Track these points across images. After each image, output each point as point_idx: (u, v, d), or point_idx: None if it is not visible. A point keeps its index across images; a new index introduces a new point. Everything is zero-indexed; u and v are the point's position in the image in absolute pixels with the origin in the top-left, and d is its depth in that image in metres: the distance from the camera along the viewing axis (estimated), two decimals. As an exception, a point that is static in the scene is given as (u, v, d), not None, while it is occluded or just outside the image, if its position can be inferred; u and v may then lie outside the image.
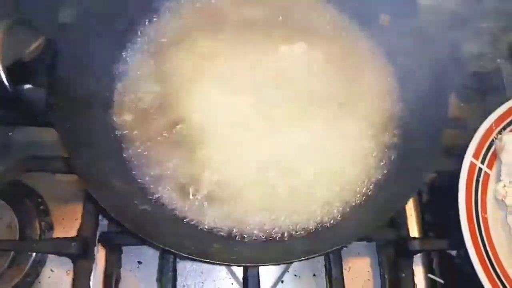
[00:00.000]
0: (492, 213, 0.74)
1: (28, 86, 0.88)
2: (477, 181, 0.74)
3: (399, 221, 0.80)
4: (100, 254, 0.80)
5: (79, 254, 0.75)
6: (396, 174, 0.72)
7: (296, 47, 0.77)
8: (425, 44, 0.78)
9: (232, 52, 0.77)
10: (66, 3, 0.86)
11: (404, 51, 0.80)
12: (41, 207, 0.84)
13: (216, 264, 0.61)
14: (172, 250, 0.58)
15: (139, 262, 0.81)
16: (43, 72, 0.84)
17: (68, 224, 0.83)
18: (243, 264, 0.62)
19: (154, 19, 0.83)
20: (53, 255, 0.79)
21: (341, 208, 0.70)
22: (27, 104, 0.85)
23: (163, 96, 0.75)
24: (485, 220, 0.72)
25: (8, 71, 0.78)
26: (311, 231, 0.68)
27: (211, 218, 0.67)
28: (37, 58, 0.86)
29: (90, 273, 0.77)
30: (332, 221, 0.69)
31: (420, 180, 0.69)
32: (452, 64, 0.87)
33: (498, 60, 0.94)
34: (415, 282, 0.78)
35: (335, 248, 0.60)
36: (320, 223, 0.69)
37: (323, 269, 0.80)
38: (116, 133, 0.74)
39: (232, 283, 0.79)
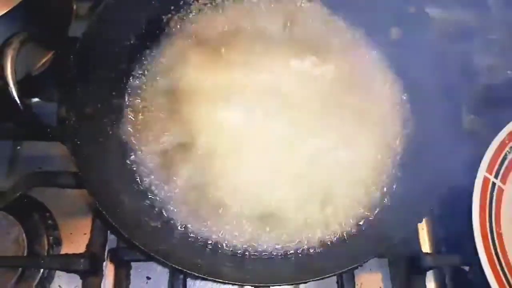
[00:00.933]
0: (507, 229, 0.72)
1: (37, 99, 0.88)
2: (491, 196, 0.74)
3: (410, 236, 0.79)
4: (108, 269, 0.79)
5: (87, 270, 0.74)
6: (410, 191, 0.71)
7: (307, 62, 0.76)
8: (436, 57, 0.78)
9: (243, 68, 0.76)
10: (76, 17, 0.87)
11: (414, 65, 0.79)
12: (50, 221, 0.84)
13: (229, 283, 0.60)
14: (184, 270, 0.57)
15: (148, 278, 0.80)
16: (53, 86, 0.84)
17: (76, 239, 0.82)
18: (257, 284, 0.61)
19: (165, 34, 0.83)
20: (61, 272, 0.78)
21: (356, 224, 0.69)
22: (36, 118, 0.85)
23: (173, 112, 0.74)
24: (500, 235, 0.71)
25: (18, 85, 0.78)
26: (325, 248, 0.67)
27: (223, 235, 0.66)
28: (46, 72, 0.87)
29: (99, 289, 0.76)
30: (347, 238, 0.68)
31: (434, 197, 0.68)
32: (463, 76, 0.87)
33: (508, 72, 0.93)
34: (428, 299, 0.77)
35: (352, 267, 0.59)
36: (334, 240, 0.68)
37: (335, 286, 0.79)
38: (126, 149, 0.73)
39: (242, 301, 0.78)
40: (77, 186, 0.80)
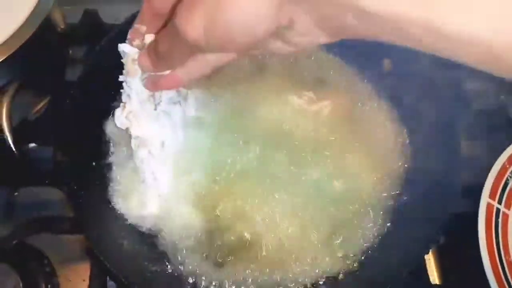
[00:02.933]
0: (516, 256, 0.71)
1: (33, 145, 0.88)
2: (496, 222, 0.72)
3: (417, 268, 0.77)
4: (107, 316, 0.76)
5: (87, 318, 0.71)
6: (413, 222, 0.70)
7: (305, 98, 0.77)
8: (429, 85, 0.79)
9: (239, 105, 0.77)
10: (73, 62, 0.88)
11: (408, 94, 0.80)
12: (47, 269, 0.81)
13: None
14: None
15: (149, 323, 0.77)
16: (49, 130, 0.84)
17: (75, 286, 0.80)
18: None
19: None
20: (59, 320, 0.76)
21: (359, 260, 0.68)
22: (32, 164, 0.85)
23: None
24: (510, 263, 0.69)
25: (13, 131, 0.79)
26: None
27: (226, 280, 0.64)
28: (42, 117, 0.87)
29: (98, 337, 0.73)
30: (349, 276, 0.67)
31: (439, 226, 0.66)
32: (457, 103, 0.88)
33: (502, 96, 0.93)
34: (439, 332, 0.74)
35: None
36: (340, 278, 0.66)
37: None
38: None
39: None
40: (75, 231, 0.79)
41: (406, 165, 0.76)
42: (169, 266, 0.66)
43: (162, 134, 0.69)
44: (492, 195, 0.74)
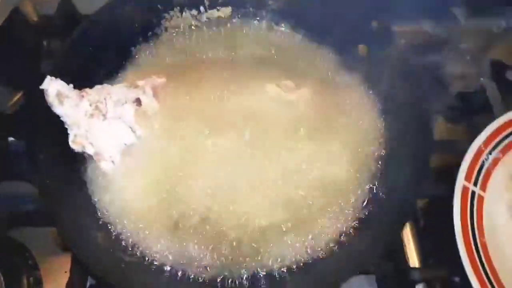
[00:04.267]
0: (491, 237, 0.71)
1: (11, 139, 0.87)
2: (472, 204, 0.73)
3: (396, 251, 0.77)
4: (90, 308, 0.77)
5: (68, 310, 0.72)
6: (386, 203, 0.71)
7: (283, 85, 0.77)
8: (407, 69, 0.79)
9: (217, 92, 0.77)
10: (50, 54, 0.87)
11: (385, 78, 0.80)
12: (29, 261, 0.82)
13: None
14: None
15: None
16: (24, 124, 0.84)
17: (57, 278, 0.80)
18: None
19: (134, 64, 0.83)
20: (42, 313, 0.76)
21: (334, 241, 0.68)
22: (9, 158, 0.84)
23: (147, 135, 0.73)
24: (484, 244, 0.70)
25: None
26: (308, 267, 0.66)
27: (198, 266, 0.65)
28: (19, 111, 0.86)
29: (81, 329, 0.73)
30: (325, 255, 0.67)
31: (412, 206, 0.67)
32: (436, 86, 0.88)
33: (481, 79, 0.94)
34: (419, 313, 0.75)
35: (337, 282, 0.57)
36: (317, 259, 0.67)
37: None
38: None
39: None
40: (52, 224, 0.79)
41: (383, 150, 0.76)
42: (141, 255, 0.66)
43: (120, 140, 0.71)
44: (467, 178, 0.74)
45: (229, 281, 0.64)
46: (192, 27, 0.88)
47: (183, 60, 0.83)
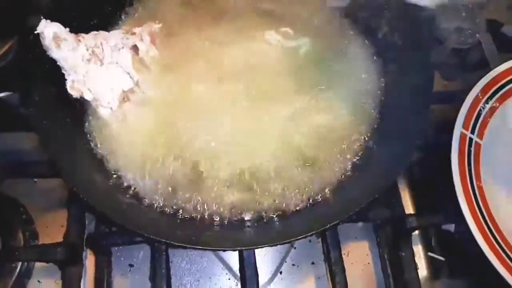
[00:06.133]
0: (487, 182, 0.72)
1: (6, 93, 0.85)
2: (469, 151, 0.74)
3: (393, 199, 0.78)
4: (89, 259, 0.76)
5: (66, 260, 0.71)
6: (385, 149, 0.71)
7: (282, 32, 0.76)
8: (406, 21, 0.78)
9: (217, 40, 0.76)
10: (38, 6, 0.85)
11: (384, 29, 0.79)
12: (24, 216, 0.81)
13: (210, 250, 0.58)
14: (163, 240, 0.55)
15: (131, 265, 0.78)
16: (18, 76, 0.82)
17: (53, 232, 0.79)
18: (238, 248, 0.59)
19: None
20: (39, 265, 0.76)
21: (331, 184, 0.69)
22: (3, 110, 0.82)
23: (146, 82, 0.72)
24: (481, 189, 0.71)
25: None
26: (306, 209, 0.66)
27: (201, 205, 0.65)
28: (10, 63, 0.84)
29: (80, 279, 0.73)
30: (323, 197, 0.67)
31: (409, 154, 0.67)
32: (432, 41, 0.88)
33: (477, 35, 0.94)
34: (416, 262, 0.76)
35: (332, 224, 0.58)
36: (312, 202, 0.67)
37: (322, 256, 0.78)
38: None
39: (229, 278, 0.76)
40: (49, 175, 0.78)
41: (380, 97, 0.76)
42: (141, 199, 0.66)
43: (117, 86, 0.70)
44: (465, 125, 0.75)
45: (234, 219, 0.64)
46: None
47: (183, 10, 0.81)
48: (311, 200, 0.67)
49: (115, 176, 0.68)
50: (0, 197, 0.81)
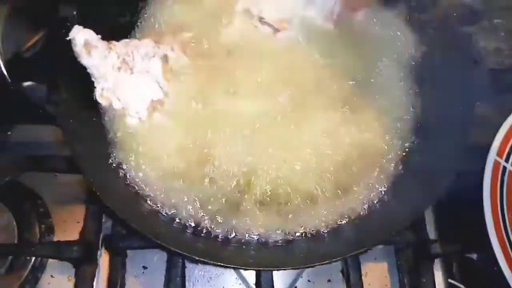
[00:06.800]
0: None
1: (30, 83, 0.85)
2: (502, 180, 0.71)
3: (417, 223, 0.76)
4: (103, 258, 0.76)
5: (81, 258, 0.71)
6: (418, 176, 0.68)
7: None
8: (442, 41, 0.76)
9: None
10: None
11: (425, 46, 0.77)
12: (41, 209, 0.80)
13: (230, 267, 0.57)
14: (184, 253, 0.54)
15: (144, 267, 0.77)
16: (45, 68, 0.81)
17: (69, 227, 0.79)
18: (259, 268, 0.58)
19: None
20: (53, 260, 0.75)
21: (364, 209, 0.66)
22: (27, 101, 0.81)
23: (175, 92, 0.70)
24: (512, 221, 0.69)
25: (9, 66, 0.75)
26: (331, 233, 0.64)
27: (223, 223, 0.63)
28: (38, 54, 0.83)
29: (93, 278, 0.73)
30: (348, 222, 0.66)
31: (445, 182, 0.65)
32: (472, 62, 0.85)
33: (515, 57, 0.90)
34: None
35: (357, 252, 0.56)
36: (341, 225, 0.65)
37: (339, 275, 0.76)
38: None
39: (243, 289, 0.75)
40: (69, 170, 0.77)
41: (414, 119, 0.74)
42: (162, 208, 0.65)
43: (146, 95, 0.68)
44: (500, 153, 0.72)
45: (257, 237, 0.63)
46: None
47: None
48: (336, 224, 0.65)
49: (135, 185, 0.66)
50: (19, 188, 0.81)
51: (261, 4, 0.77)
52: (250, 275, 0.74)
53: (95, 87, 0.67)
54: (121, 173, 0.65)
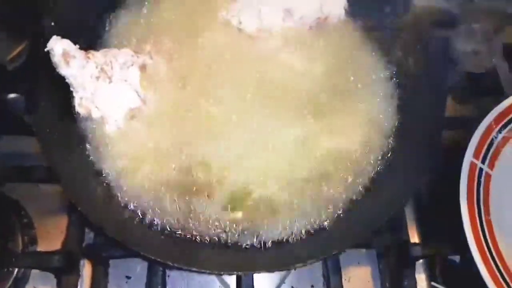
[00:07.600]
0: (496, 216, 0.70)
1: (13, 95, 0.85)
2: (479, 182, 0.71)
3: (398, 226, 0.76)
4: (86, 268, 0.76)
5: (63, 268, 0.71)
6: (393, 176, 0.69)
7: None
8: (421, 44, 0.77)
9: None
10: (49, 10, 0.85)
11: (399, 50, 0.78)
12: (25, 220, 0.80)
13: (206, 273, 0.57)
14: (158, 260, 0.54)
15: (128, 277, 0.77)
16: (26, 79, 0.82)
17: (53, 237, 0.79)
18: (237, 272, 0.58)
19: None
20: (36, 271, 0.75)
21: (337, 211, 0.67)
22: (9, 113, 0.82)
23: (153, 100, 0.71)
24: (489, 222, 0.69)
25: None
26: (309, 236, 0.64)
27: (201, 225, 0.63)
28: (21, 66, 0.84)
29: (76, 288, 0.72)
30: (327, 225, 0.66)
31: (418, 181, 0.66)
32: (447, 64, 0.86)
33: (493, 60, 0.92)
34: (418, 290, 0.74)
35: (333, 253, 0.56)
36: (315, 228, 0.66)
37: (321, 279, 0.76)
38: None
39: (225, 296, 0.75)
40: (51, 180, 0.77)
41: (390, 122, 0.75)
42: (140, 215, 0.65)
43: (125, 103, 0.69)
44: (476, 155, 0.73)
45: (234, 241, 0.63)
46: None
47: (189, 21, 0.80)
48: (315, 226, 0.66)
49: (114, 192, 0.67)
50: (2, 199, 0.81)
51: (241, 16, 0.78)
52: (231, 281, 0.74)
53: (73, 97, 0.68)
54: (100, 181, 0.66)
